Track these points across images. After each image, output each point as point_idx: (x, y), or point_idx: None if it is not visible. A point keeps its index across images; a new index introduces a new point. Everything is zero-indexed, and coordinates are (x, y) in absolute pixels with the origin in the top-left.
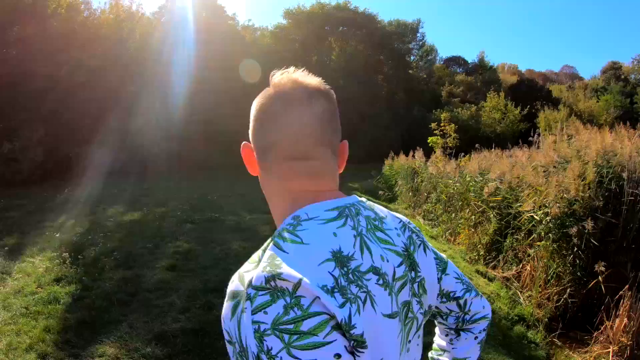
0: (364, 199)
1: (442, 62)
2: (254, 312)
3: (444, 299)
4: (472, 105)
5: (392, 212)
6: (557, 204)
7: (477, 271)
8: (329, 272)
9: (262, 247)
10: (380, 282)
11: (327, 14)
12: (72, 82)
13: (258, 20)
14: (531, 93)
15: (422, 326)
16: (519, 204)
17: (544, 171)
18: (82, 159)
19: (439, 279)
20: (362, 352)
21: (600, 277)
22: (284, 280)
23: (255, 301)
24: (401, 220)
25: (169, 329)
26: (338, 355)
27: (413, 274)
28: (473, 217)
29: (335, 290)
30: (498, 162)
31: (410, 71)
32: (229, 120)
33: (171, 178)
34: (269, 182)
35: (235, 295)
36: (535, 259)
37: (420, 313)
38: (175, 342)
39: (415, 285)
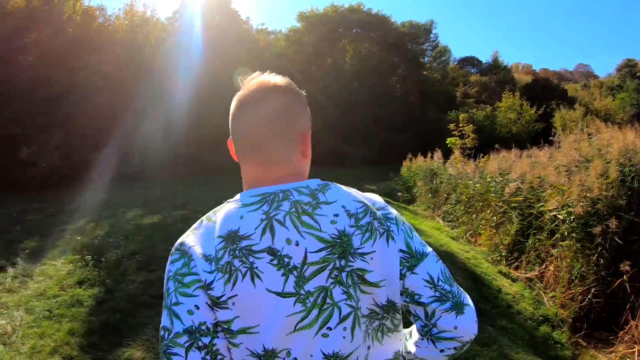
0: (321, 183)
1: (455, 63)
2: (169, 264)
3: (407, 299)
4: (487, 105)
5: (358, 197)
6: (581, 203)
7: (500, 272)
8: (214, 246)
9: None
10: (275, 262)
11: (341, 16)
12: (87, 87)
13: (272, 23)
14: (546, 92)
15: (357, 319)
16: (541, 204)
17: (566, 170)
18: (98, 162)
19: (402, 275)
20: (218, 310)
21: (625, 277)
22: (184, 246)
23: (172, 256)
24: (365, 205)
25: None
26: (196, 307)
27: (342, 262)
28: (494, 217)
29: (212, 260)
30: (518, 162)
31: (424, 72)
32: None
33: (187, 181)
34: (241, 169)
35: None
36: (559, 258)
37: (346, 304)
38: None
39: (344, 274)
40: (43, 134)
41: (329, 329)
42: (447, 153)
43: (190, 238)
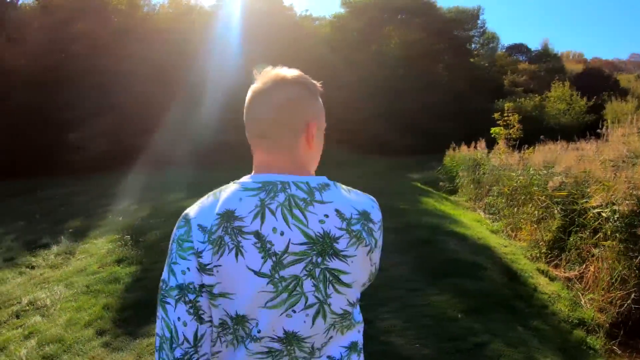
0: (322, 182)
1: (504, 50)
2: (176, 228)
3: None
4: (536, 95)
5: (356, 204)
6: (627, 201)
7: (539, 269)
8: (211, 221)
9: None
10: (258, 245)
11: (385, 2)
12: (134, 75)
13: (316, 10)
14: (598, 83)
15: (322, 311)
16: (585, 200)
17: (613, 166)
18: (144, 148)
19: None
20: (204, 275)
21: None
22: (188, 216)
23: (179, 223)
24: (360, 214)
25: None
26: (188, 269)
27: (319, 259)
28: (536, 212)
29: (206, 232)
30: (564, 155)
31: (471, 60)
32: None
33: (229, 166)
34: (252, 153)
35: None
36: (600, 259)
37: (313, 295)
38: None
39: (317, 270)
40: (92, 120)
41: (294, 311)
42: (492, 143)
43: (194, 210)
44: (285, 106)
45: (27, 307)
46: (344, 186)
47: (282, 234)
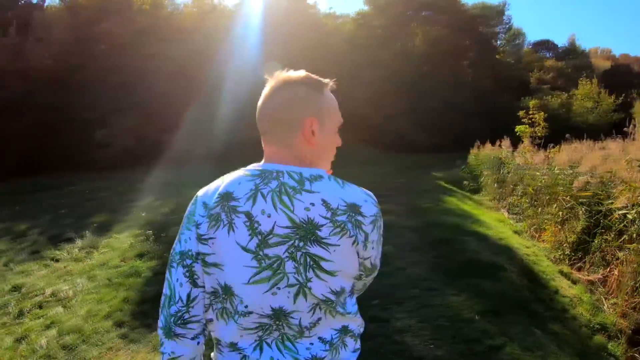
0: (315, 174)
1: (530, 47)
2: (189, 205)
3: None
4: (563, 92)
5: (346, 197)
6: None
7: (561, 272)
8: (213, 199)
9: None
10: (247, 223)
11: None
12: (158, 74)
13: (339, 7)
14: (626, 80)
15: (302, 292)
16: (610, 201)
17: (639, 165)
18: (168, 145)
19: (359, 277)
20: (200, 244)
21: None
22: (197, 196)
23: (192, 201)
24: (348, 206)
25: None
26: (190, 238)
27: (301, 243)
28: (560, 213)
29: (207, 208)
30: (589, 154)
31: (496, 56)
32: None
33: (252, 163)
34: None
35: None
36: (625, 263)
37: (294, 276)
38: None
39: (298, 253)
40: (117, 118)
41: (278, 288)
42: (517, 141)
43: (203, 191)
44: (282, 105)
45: (50, 298)
46: (339, 180)
47: (269, 216)
